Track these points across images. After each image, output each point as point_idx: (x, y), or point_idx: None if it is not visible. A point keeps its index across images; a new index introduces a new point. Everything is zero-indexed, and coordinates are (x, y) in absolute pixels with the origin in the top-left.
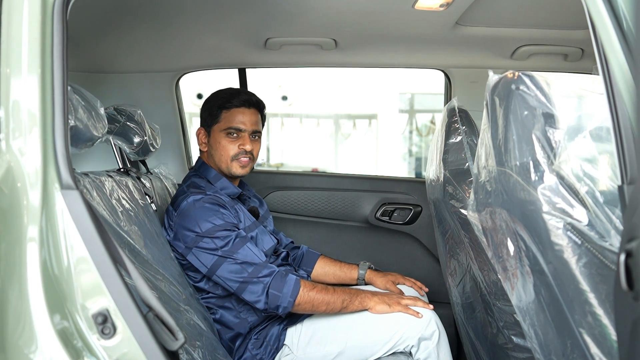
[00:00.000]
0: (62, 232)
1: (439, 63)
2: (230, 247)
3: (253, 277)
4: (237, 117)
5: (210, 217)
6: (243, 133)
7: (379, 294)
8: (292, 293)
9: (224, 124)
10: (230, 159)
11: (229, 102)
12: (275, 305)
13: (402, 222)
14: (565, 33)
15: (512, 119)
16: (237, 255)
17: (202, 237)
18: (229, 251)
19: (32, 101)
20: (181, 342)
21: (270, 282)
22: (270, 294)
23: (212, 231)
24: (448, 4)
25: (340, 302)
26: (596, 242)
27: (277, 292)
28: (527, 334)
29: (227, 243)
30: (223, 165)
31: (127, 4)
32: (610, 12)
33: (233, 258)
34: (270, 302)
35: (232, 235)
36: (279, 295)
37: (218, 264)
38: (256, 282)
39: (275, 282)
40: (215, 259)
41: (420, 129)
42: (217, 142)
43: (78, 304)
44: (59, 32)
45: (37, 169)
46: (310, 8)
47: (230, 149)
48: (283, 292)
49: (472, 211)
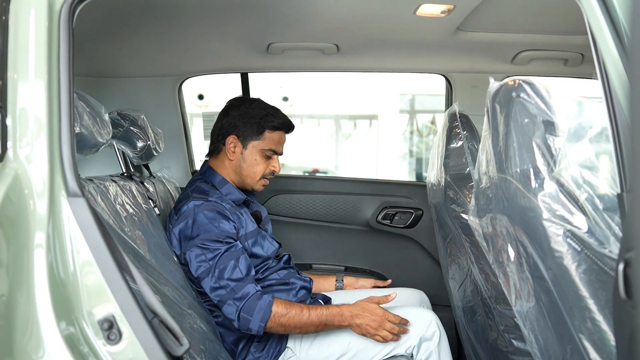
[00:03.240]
0: (69, 239)
1: (440, 68)
2: (216, 261)
3: (228, 298)
4: (280, 139)
5: (205, 226)
6: (276, 156)
7: (363, 316)
8: (262, 318)
9: (267, 144)
10: (260, 177)
11: (273, 122)
12: (247, 327)
13: (403, 225)
14: (566, 38)
15: (512, 126)
16: (220, 272)
17: (194, 244)
18: (214, 265)
19: (39, 108)
20: (186, 347)
21: (242, 306)
22: (241, 317)
23: (204, 239)
24: (449, 10)
25: (314, 327)
26: (595, 249)
27: (248, 316)
28: (528, 338)
29: (215, 256)
30: (248, 180)
31: (130, 9)
32: (608, 19)
33: (215, 275)
34: (241, 324)
35: (222, 249)
36: (250, 319)
37: (202, 276)
38: (230, 304)
39: (247, 306)
40: (202, 270)
41: (420, 129)
42: (252, 157)
43: (84, 309)
44: (66, 38)
45: (44, 176)
46: (313, 13)
47: (263, 168)
48: (253, 316)
49: (472, 216)
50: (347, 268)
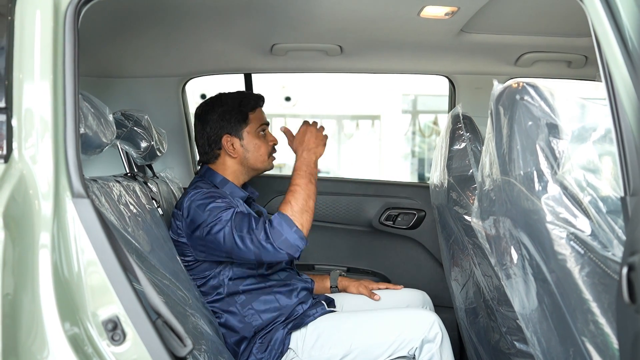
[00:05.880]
0: (73, 240)
1: (443, 69)
2: (235, 221)
3: (259, 244)
4: (261, 114)
5: (210, 205)
6: (267, 128)
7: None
8: (290, 227)
9: (256, 124)
10: (267, 155)
11: (249, 103)
12: (291, 247)
13: (405, 226)
14: (569, 40)
15: (516, 128)
16: (239, 227)
17: (208, 224)
18: (232, 225)
19: (45, 108)
20: (189, 348)
21: (270, 236)
22: (278, 245)
23: (213, 214)
24: (453, 12)
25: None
26: (599, 252)
27: (279, 236)
28: (530, 341)
29: (229, 219)
30: (259, 164)
31: (134, 10)
32: (612, 22)
33: (239, 231)
34: (284, 249)
35: (230, 212)
36: (286, 238)
37: (230, 239)
38: (263, 247)
39: (273, 234)
40: (226, 237)
41: (423, 129)
42: (252, 142)
43: (89, 310)
44: (71, 39)
45: (49, 177)
46: (316, 15)
47: (266, 146)
48: (284, 232)
49: (476, 219)
50: (349, 269)
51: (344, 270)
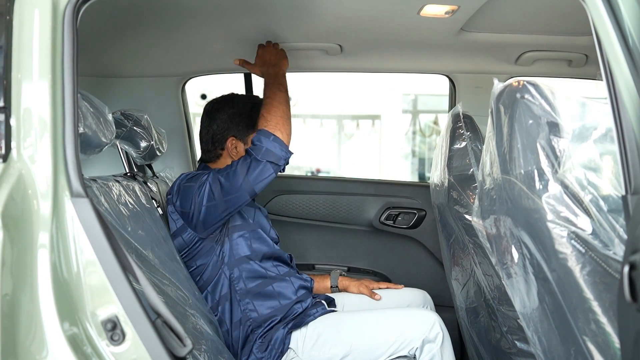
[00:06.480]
0: (72, 239)
1: (443, 68)
2: (215, 171)
3: (243, 164)
4: None
5: (196, 179)
6: None
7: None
8: (269, 139)
9: None
10: None
11: (259, 110)
12: (273, 155)
13: (406, 226)
14: (570, 39)
15: (517, 127)
16: (223, 170)
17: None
18: (216, 173)
19: (43, 108)
20: (189, 348)
21: (252, 152)
22: (260, 158)
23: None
24: (453, 11)
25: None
26: (600, 250)
27: (262, 150)
28: (531, 340)
29: (212, 173)
30: None
31: (134, 9)
32: (614, 20)
33: (223, 171)
34: (268, 159)
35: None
36: (266, 149)
37: (215, 181)
38: (248, 164)
39: (254, 150)
40: (212, 181)
41: (423, 129)
42: None
43: (88, 310)
44: (70, 38)
45: (48, 177)
46: (316, 14)
47: None
48: (264, 147)
49: (476, 218)
50: (350, 268)
51: (344, 270)
